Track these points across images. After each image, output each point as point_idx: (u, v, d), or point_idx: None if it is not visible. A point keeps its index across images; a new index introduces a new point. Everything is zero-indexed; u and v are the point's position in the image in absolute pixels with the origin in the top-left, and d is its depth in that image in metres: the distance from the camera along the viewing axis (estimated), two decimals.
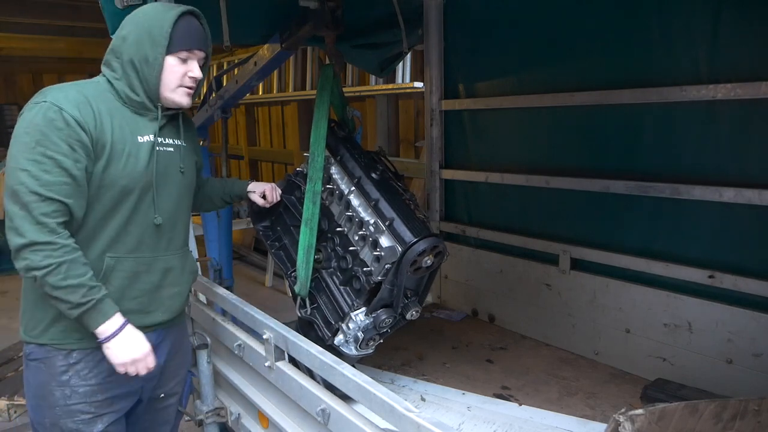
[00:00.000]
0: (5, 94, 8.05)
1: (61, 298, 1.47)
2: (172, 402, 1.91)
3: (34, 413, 1.65)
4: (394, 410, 1.31)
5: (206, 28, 1.69)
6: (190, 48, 1.61)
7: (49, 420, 1.61)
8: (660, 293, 2.33)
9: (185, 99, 1.65)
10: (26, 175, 1.42)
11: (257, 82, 3.33)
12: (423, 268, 1.99)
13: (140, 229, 1.62)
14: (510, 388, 2.35)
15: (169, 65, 1.59)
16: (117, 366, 1.56)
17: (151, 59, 1.57)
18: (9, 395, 3.46)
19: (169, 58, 1.59)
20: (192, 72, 1.63)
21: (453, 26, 3.15)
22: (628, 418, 1.54)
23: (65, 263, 1.45)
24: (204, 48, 1.66)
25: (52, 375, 1.58)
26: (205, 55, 1.68)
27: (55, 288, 1.45)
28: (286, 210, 2.40)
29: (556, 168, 2.71)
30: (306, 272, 2.16)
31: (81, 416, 1.60)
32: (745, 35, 2.05)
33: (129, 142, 1.58)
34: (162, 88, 1.60)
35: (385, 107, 5.28)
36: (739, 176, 2.10)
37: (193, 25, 1.63)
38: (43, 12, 5.18)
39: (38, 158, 1.43)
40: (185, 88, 1.64)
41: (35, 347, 1.59)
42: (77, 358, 1.59)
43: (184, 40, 1.60)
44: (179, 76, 1.61)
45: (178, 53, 1.60)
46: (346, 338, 2.09)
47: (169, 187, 1.69)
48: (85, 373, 1.59)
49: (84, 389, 1.60)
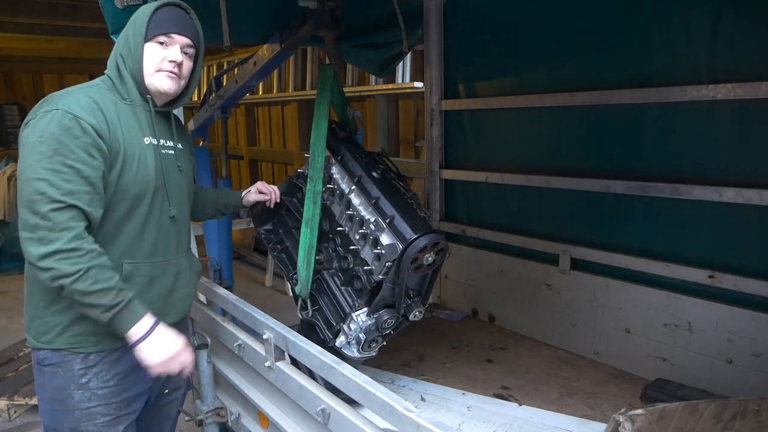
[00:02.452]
0: (5, 94, 8.05)
1: (93, 303, 1.46)
2: (174, 398, 1.92)
3: (50, 419, 1.63)
4: (394, 410, 1.31)
5: (193, 18, 1.68)
6: (166, 32, 1.61)
7: (68, 425, 1.59)
8: (660, 293, 2.33)
9: (166, 83, 1.62)
10: (46, 184, 1.41)
11: (257, 82, 3.33)
12: (424, 265, 1.98)
13: (155, 233, 1.64)
14: (510, 388, 2.35)
15: (148, 51, 1.60)
16: (153, 367, 1.53)
17: (133, 48, 1.60)
18: (9, 395, 3.46)
19: (148, 45, 1.60)
20: (169, 56, 1.62)
21: (453, 26, 3.15)
22: (628, 418, 1.54)
23: (93, 268, 1.45)
24: (186, 33, 1.64)
25: (71, 378, 1.57)
26: (191, 43, 1.66)
27: (85, 294, 1.45)
28: (287, 212, 2.39)
29: (556, 168, 2.71)
30: (307, 273, 2.15)
31: (101, 419, 1.60)
32: (745, 35, 2.05)
33: (138, 146, 1.59)
34: (145, 75, 1.61)
35: (385, 107, 5.28)
36: (739, 176, 2.10)
37: (173, 13, 1.64)
38: (43, 12, 5.17)
39: (57, 167, 1.43)
40: (165, 72, 1.62)
41: (49, 353, 1.58)
42: (95, 361, 1.59)
43: (161, 25, 1.60)
44: (158, 61, 1.61)
45: (156, 38, 1.60)
46: (348, 340, 2.09)
47: (174, 187, 1.70)
48: (104, 375, 1.60)
49: (103, 391, 1.60)
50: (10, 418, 3.42)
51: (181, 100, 1.74)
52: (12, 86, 8.09)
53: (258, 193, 2.18)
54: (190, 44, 1.66)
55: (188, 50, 1.66)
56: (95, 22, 4.46)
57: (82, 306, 1.48)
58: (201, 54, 1.73)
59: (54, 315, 1.57)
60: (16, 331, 4.52)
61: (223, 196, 2.18)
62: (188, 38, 1.65)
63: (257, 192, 2.18)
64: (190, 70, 1.69)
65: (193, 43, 1.67)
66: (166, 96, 1.67)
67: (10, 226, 6.27)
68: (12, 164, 6.61)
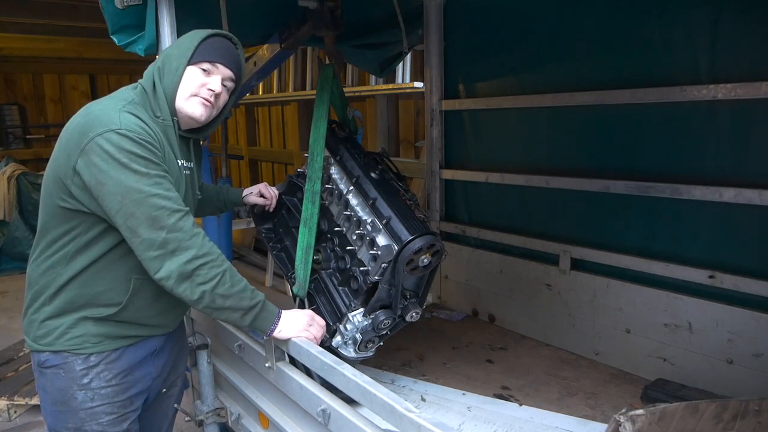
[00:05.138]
0: (5, 94, 8.04)
1: (234, 307, 1.49)
2: (171, 395, 1.93)
3: (54, 420, 1.64)
4: (395, 410, 1.30)
5: (240, 52, 1.69)
6: (212, 60, 1.61)
7: (72, 425, 1.60)
8: (660, 293, 2.33)
9: (198, 109, 1.61)
10: (159, 198, 1.42)
11: (257, 82, 3.33)
12: (420, 267, 1.97)
13: None
14: (510, 388, 2.35)
15: (189, 74, 1.60)
16: (301, 338, 1.64)
17: (174, 68, 1.59)
18: (9, 395, 3.46)
19: (190, 68, 1.60)
20: (209, 84, 1.61)
21: (453, 26, 3.15)
22: (628, 419, 1.54)
23: (227, 270, 1.48)
24: (230, 66, 1.64)
25: (73, 379, 1.58)
26: (233, 77, 1.66)
27: (227, 297, 1.47)
28: (288, 212, 2.40)
29: (556, 168, 2.71)
30: (305, 272, 2.15)
31: (105, 418, 1.61)
32: (745, 35, 2.05)
33: (174, 166, 1.60)
34: (178, 96, 1.60)
35: (385, 107, 5.28)
36: (739, 176, 2.10)
37: (224, 44, 1.65)
38: (43, 12, 5.17)
39: (158, 180, 1.44)
40: (200, 98, 1.61)
41: (50, 355, 1.58)
42: (96, 361, 1.59)
43: (208, 53, 1.61)
44: (197, 85, 1.60)
45: (200, 64, 1.60)
46: (344, 340, 2.09)
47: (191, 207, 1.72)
48: (105, 374, 1.60)
49: (105, 390, 1.60)
50: (10, 418, 3.42)
51: (204, 130, 1.74)
52: (12, 86, 8.08)
53: (259, 197, 2.23)
54: (232, 78, 1.67)
55: (228, 83, 1.67)
56: (95, 22, 4.47)
57: (221, 311, 1.51)
58: (238, 88, 1.73)
59: (54, 318, 1.57)
60: (16, 331, 4.51)
61: (224, 193, 2.19)
62: (232, 71, 1.65)
63: (259, 195, 2.23)
64: (224, 103, 1.69)
65: (235, 77, 1.67)
66: (194, 122, 1.66)
67: (10, 226, 6.26)
68: (12, 164, 6.60)
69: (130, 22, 2.02)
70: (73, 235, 1.53)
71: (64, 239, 1.53)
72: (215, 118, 1.71)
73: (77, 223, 1.52)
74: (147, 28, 1.97)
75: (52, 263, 1.55)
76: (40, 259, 1.58)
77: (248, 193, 2.22)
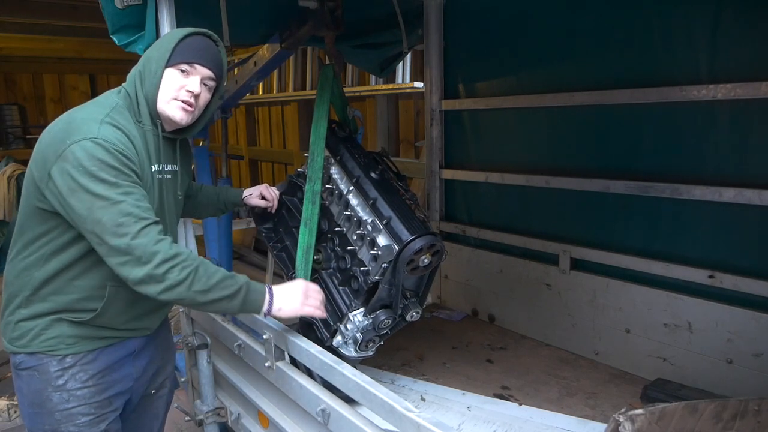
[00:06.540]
0: (5, 94, 8.03)
1: (218, 298, 1.48)
2: (160, 396, 1.92)
3: (31, 422, 1.63)
4: (394, 410, 1.31)
5: (221, 50, 1.66)
6: (190, 61, 1.58)
7: (49, 426, 1.59)
8: (660, 293, 2.33)
9: (179, 113, 1.59)
10: (126, 205, 1.41)
11: (257, 82, 3.33)
12: (421, 267, 1.98)
13: None
14: (510, 388, 2.35)
15: (168, 77, 1.58)
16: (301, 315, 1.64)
17: (153, 71, 1.57)
18: (9, 395, 3.46)
19: (169, 70, 1.57)
20: (188, 86, 1.59)
21: (453, 26, 3.15)
22: (628, 418, 1.54)
23: (199, 266, 1.46)
24: (210, 66, 1.61)
25: (47, 381, 1.57)
26: (213, 75, 1.63)
27: (206, 291, 1.46)
28: (288, 211, 2.40)
29: (556, 168, 2.71)
30: (305, 272, 2.15)
31: (82, 419, 1.60)
32: (745, 35, 2.05)
33: (148, 174, 1.59)
34: (159, 100, 1.58)
35: (385, 107, 5.28)
36: (739, 176, 2.10)
37: (202, 42, 1.62)
38: (43, 12, 5.16)
39: (127, 190, 1.43)
40: (180, 101, 1.59)
41: (25, 356, 1.58)
42: (71, 362, 1.58)
43: (185, 53, 1.58)
44: (176, 88, 1.58)
45: (178, 65, 1.58)
46: (345, 339, 2.09)
47: (169, 213, 1.70)
48: (81, 375, 1.59)
49: (81, 392, 1.59)
50: (10, 417, 3.42)
51: (190, 130, 1.72)
52: (12, 86, 8.07)
53: (260, 199, 2.22)
54: (212, 77, 1.64)
55: (208, 82, 1.64)
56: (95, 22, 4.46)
57: (208, 305, 1.50)
58: (221, 86, 1.71)
59: (29, 320, 1.56)
60: None
61: (224, 193, 2.19)
62: (211, 71, 1.62)
63: (260, 196, 2.22)
64: (206, 102, 1.67)
65: (215, 75, 1.64)
66: (176, 125, 1.65)
67: (10, 226, 6.26)
68: (12, 164, 6.59)
69: (130, 22, 2.02)
70: (50, 237, 1.52)
71: (40, 241, 1.53)
72: (200, 117, 1.70)
73: (54, 225, 1.51)
74: (147, 28, 1.96)
75: (27, 264, 1.55)
76: (16, 260, 1.57)
77: (249, 195, 2.21)
